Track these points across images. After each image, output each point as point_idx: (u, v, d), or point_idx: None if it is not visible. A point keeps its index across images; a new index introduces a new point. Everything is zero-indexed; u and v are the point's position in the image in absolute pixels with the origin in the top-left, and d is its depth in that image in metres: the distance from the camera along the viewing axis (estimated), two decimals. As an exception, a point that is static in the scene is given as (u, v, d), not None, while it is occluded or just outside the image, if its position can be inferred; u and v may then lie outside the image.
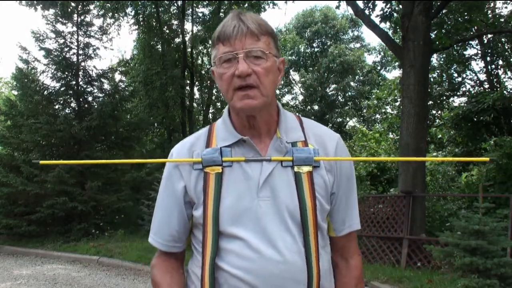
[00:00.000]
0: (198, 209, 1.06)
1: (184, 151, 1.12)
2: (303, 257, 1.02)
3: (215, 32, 1.06)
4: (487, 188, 7.95)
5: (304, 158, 1.06)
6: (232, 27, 1.02)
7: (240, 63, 0.99)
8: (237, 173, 1.05)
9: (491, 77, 13.96)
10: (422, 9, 7.43)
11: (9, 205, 9.15)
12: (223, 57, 1.02)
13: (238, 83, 1.01)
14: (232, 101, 1.03)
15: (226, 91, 1.04)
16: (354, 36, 28.81)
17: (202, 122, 17.65)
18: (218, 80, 1.06)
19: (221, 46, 1.03)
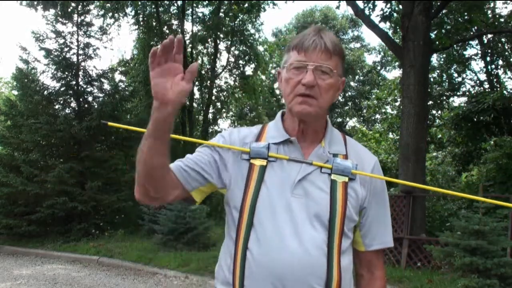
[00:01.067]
0: (235, 194, 1.14)
1: (236, 139, 1.20)
2: (325, 254, 1.08)
3: (293, 40, 1.16)
4: (487, 188, 7.95)
5: (343, 169, 1.14)
6: (311, 41, 1.10)
7: (308, 74, 1.09)
8: (278, 169, 1.13)
9: (491, 77, 13.97)
10: (422, 9, 7.43)
11: (9, 205, 9.14)
12: (294, 64, 1.11)
13: (302, 91, 1.10)
14: (291, 104, 1.13)
15: (288, 94, 1.14)
16: (354, 36, 28.83)
17: (202, 122, 17.64)
18: (283, 83, 1.15)
19: (296, 54, 1.12)
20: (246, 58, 17.54)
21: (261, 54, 18.63)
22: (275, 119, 1.25)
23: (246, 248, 1.09)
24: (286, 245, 1.06)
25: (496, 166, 8.30)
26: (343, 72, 1.20)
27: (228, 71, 18.38)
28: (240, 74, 17.99)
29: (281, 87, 1.17)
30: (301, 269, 1.05)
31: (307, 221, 1.09)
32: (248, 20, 16.85)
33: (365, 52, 27.66)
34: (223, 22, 15.69)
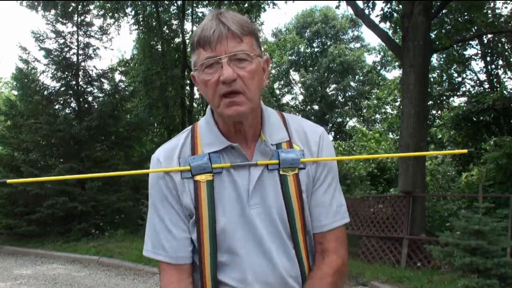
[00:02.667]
0: (193, 220, 1.03)
1: (174, 158, 1.05)
2: (296, 262, 1.05)
3: (193, 36, 1.01)
4: (487, 188, 7.95)
5: (291, 161, 1.04)
6: (212, 30, 0.96)
7: (224, 68, 0.95)
8: (226, 180, 1.02)
9: (491, 77, 13.97)
10: (422, 9, 7.43)
11: (9, 205, 9.15)
12: (205, 63, 0.97)
13: (224, 90, 0.96)
14: (219, 108, 0.99)
15: (212, 98, 1.00)
16: (354, 36, 28.84)
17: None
18: (202, 87, 1.02)
19: (202, 51, 0.97)
20: (246, 58, 17.53)
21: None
22: (205, 119, 1.10)
23: (215, 277, 1.02)
24: (259, 267, 1.01)
25: (496, 166, 8.30)
26: (261, 50, 1.05)
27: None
28: (240, 74, 17.99)
29: (202, 92, 1.04)
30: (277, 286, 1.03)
31: (273, 232, 1.02)
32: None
33: (365, 52, 27.66)
34: (223, 22, 15.69)
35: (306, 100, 27.34)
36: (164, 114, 15.20)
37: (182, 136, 1.10)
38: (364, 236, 7.64)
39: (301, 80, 27.73)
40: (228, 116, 0.99)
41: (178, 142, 1.09)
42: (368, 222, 7.65)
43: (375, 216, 7.59)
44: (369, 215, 7.74)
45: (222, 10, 1.02)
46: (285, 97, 29.30)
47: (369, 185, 9.56)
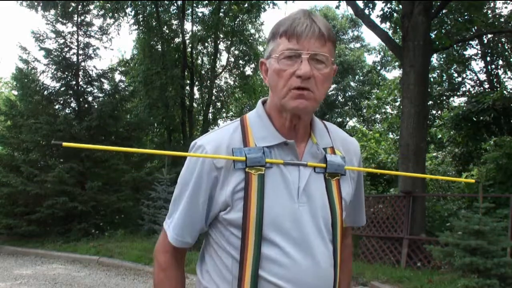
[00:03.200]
0: (235, 211, 1.01)
1: (223, 148, 1.03)
2: (333, 267, 1.05)
3: (278, 25, 1.02)
4: (487, 188, 7.96)
5: (336, 167, 1.07)
6: (304, 25, 0.97)
7: (303, 64, 0.96)
8: (277, 176, 1.02)
9: (491, 77, 13.97)
10: (422, 9, 7.43)
11: (9, 205, 9.15)
12: (286, 53, 0.98)
13: (297, 84, 0.97)
14: (284, 99, 1.00)
15: (280, 89, 1.00)
16: (354, 36, 28.82)
17: (202, 122, 17.65)
18: (272, 75, 1.02)
19: (286, 42, 0.98)
20: (246, 58, 17.54)
21: (261, 54, 18.62)
22: (257, 113, 1.09)
23: (257, 271, 0.99)
24: (301, 265, 0.99)
25: (496, 166, 8.30)
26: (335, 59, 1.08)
27: (228, 71, 18.39)
28: (240, 74, 18.00)
29: (270, 80, 1.04)
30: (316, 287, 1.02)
31: (317, 231, 1.03)
32: (248, 20, 16.86)
33: (365, 52, 27.64)
34: (223, 22, 15.69)
35: (306, 100, 27.35)
36: (164, 114, 15.20)
37: (229, 128, 1.07)
38: (364, 236, 7.64)
39: (301, 80, 27.72)
40: (292, 107, 1.00)
41: (226, 132, 1.06)
42: (368, 222, 7.65)
43: (375, 216, 7.59)
44: (369, 215, 7.73)
45: (312, 11, 1.07)
46: (285, 97, 29.31)
47: (369, 185, 9.56)
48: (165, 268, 1.10)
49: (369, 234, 7.48)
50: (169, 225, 1.10)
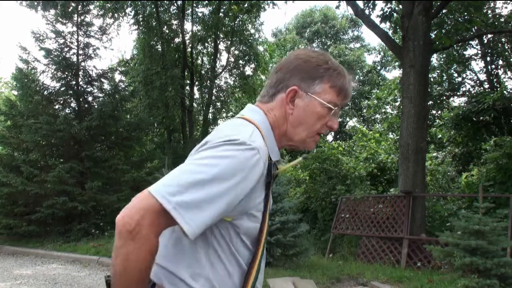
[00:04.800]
0: (253, 221, 1.01)
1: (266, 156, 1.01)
2: None
3: (329, 70, 1.09)
4: (487, 188, 7.95)
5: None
6: (351, 89, 1.15)
7: (336, 119, 1.12)
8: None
9: (491, 77, 13.97)
10: (422, 9, 7.43)
11: (9, 205, 9.14)
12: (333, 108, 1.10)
13: (323, 131, 1.11)
14: (308, 139, 1.11)
15: (312, 130, 1.10)
16: (354, 36, 28.84)
17: (202, 122, 17.65)
18: (311, 115, 1.09)
19: (335, 95, 1.10)
20: (246, 58, 17.55)
21: (261, 54, 18.64)
22: (264, 125, 1.08)
23: (255, 282, 1.02)
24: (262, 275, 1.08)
25: (496, 166, 8.30)
26: None
27: (228, 71, 18.39)
28: (240, 74, 18.00)
29: (301, 114, 1.08)
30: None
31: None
32: (248, 20, 16.86)
33: (365, 52, 27.66)
34: (223, 22, 15.70)
35: (306, 100, 27.36)
36: (164, 114, 15.21)
37: (260, 136, 1.02)
38: (364, 236, 7.64)
39: (301, 80, 27.70)
40: (308, 148, 1.14)
41: (261, 139, 1.01)
42: (368, 222, 7.65)
43: (375, 216, 7.59)
44: (369, 215, 7.74)
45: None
46: (285, 97, 29.28)
47: (369, 185, 9.55)
48: (154, 253, 0.91)
49: (369, 234, 7.48)
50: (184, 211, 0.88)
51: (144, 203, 0.88)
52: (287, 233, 6.14)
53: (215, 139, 0.97)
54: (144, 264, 0.89)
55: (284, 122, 1.10)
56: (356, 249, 7.91)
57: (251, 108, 1.13)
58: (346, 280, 5.79)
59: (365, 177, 9.78)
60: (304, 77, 1.08)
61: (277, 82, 1.11)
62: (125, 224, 0.87)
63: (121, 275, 0.88)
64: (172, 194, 0.88)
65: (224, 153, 0.92)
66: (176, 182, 0.89)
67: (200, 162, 0.92)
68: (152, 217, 0.87)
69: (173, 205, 0.87)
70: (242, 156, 0.92)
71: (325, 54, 1.13)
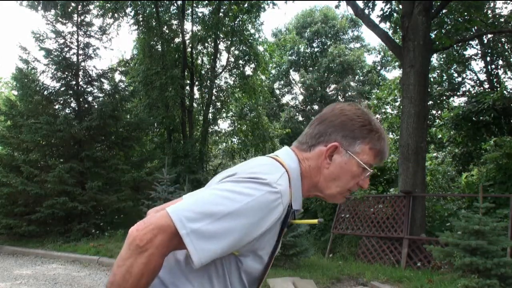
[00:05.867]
0: (258, 263, 1.02)
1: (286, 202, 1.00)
2: None
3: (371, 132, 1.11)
4: (487, 188, 7.95)
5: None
6: (388, 154, 1.16)
7: (367, 179, 1.15)
8: None
9: (491, 77, 13.98)
10: (422, 9, 7.43)
11: (9, 205, 9.14)
12: (369, 170, 1.12)
13: (354, 189, 1.14)
14: (339, 194, 1.13)
15: (346, 188, 1.12)
16: (354, 36, 28.85)
17: (202, 122, 17.65)
18: (347, 173, 1.10)
19: (372, 156, 1.12)
20: (246, 58, 17.55)
21: (261, 54, 18.63)
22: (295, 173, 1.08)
23: None
24: None
25: (496, 166, 8.30)
26: None
27: (228, 71, 18.39)
28: (240, 74, 18.00)
29: (337, 171, 1.09)
30: None
31: None
32: (248, 20, 16.86)
33: (365, 52, 27.66)
34: (223, 22, 15.70)
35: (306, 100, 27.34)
36: (164, 114, 15.20)
37: (287, 182, 1.02)
38: (364, 236, 7.64)
39: (301, 80, 27.72)
40: (336, 201, 1.17)
41: (288, 187, 1.01)
42: (368, 222, 7.65)
43: (375, 216, 7.59)
44: (369, 215, 7.74)
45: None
46: (285, 97, 29.32)
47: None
48: (156, 274, 0.93)
49: (369, 234, 7.48)
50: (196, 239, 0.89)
51: (160, 222, 0.89)
52: (287, 233, 6.14)
53: (243, 173, 0.98)
54: (143, 280, 0.90)
55: (317, 174, 1.10)
56: (356, 249, 7.91)
57: (286, 152, 1.13)
58: (346, 280, 5.79)
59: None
60: (347, 135, 1.09)
61: (319, 134, 1.12)
62: (136, 238, 0.88)
63: (120, 286, 0.90)
64: (189, 219, 0.89)
65: (248, 190, 0.93)
66: (195, 208, 0.91)
67: (222, 194, 0.93)
68: (164, 238, 0.89)
69: (187, 231, 0.88)
70: (264, 198, 0.93)
71: (369, 113, 1.14)
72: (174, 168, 11.91)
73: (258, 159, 1.07)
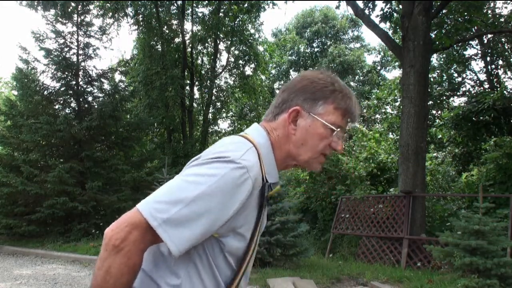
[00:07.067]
0: (240, 241, 0.99)
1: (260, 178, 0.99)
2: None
3: (334, 92, 1.08)
4: (487, 188, 7.95)
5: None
6: (358, 114, 1.12)
7: (341, 141, 1.10)
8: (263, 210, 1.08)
9: (491, 77, 13.98)
10: (422, 9, 7.43)
11: (9, 205, 9.15)
12: (337, 130, 1.08)
13: (329, 153, 1.10)
14: (311, 159, 1.09)
15: (315, 150, 1.08)
16: (354, 36, 28.84)
17: (202, 122, 17.66)
18: (314, 136, 1.07)
19: (340, 117, 1.08)
20: (246, 58, 17.56)
21: (261, 54, 18.64)
22: (265, 146, 1.06)
23: None
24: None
25: (496, 166, 8.30)
26: None
27: (228, 71, 18.40)
28: (240, 74, 18.00)
29: (303, 135, 1.07)
30: None
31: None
32: (248, 20, 16.87)
33: (365, 52, 27.66)
34: (223, 22, 15.70)
35: (306, 100, 27.36)
36: (164, 114, 15.21)
37: (254, 154, 1.01)
38: (364, 236, 7.64)
39: (301, 80, 27.69)
40: (313, 168, 1.13)
41: (255, 159, 1.00)
42: (368, 222, 7.65)
43: (375, 216, 7.59)
44: (369, 215, 7.74)
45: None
46: (285, 97, 29.26)
47: (369, 185, 9.54)
48: (137, 270, 0.94)
49: (369, 234, 7.48)
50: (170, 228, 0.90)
51: (132, 219, 0.90)
52: (287, 233, 6.14)
53: (207, 155, 0.97)
54: (124, 278, 0.91)
55: (287, 142, 1.09)
56: (356, 249, 7.91)
57: (254, 128, 1.13)
58: (346, 280, 5.79)
59: (365, 177, 9.78)
60: (308, 98, 1.08)
61: (282, 102, 1.11)
62: (112, 238, 0.89)
63: (101, 287, 0.90)
64: (158, 211, 0.90)
65: (212, 171, 0.93)
66: (163, 198, 0.92)
67: (187, 179, 0.94)
68: (138, 234, 0.90)
69: (159, 222, 0.89)
70: (229, 175, 0.92)
71: (333, 76, 1.12)
72: (174, 168, 11.91)
73: (224, 139, 1.05)
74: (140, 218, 0.90)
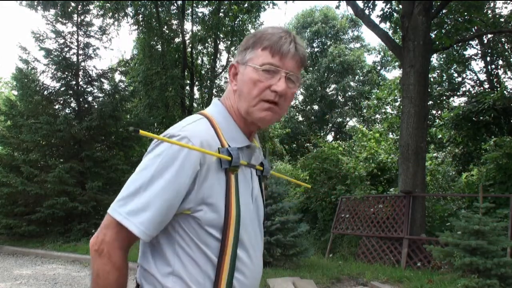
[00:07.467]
0: (214, 211, 0.98)
1: (209, 144, 0.99)
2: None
3: (261, 37, 1.05)
4: (487, 188, 7.95)
5: (268, 170, 1.19)
6: (289, 46, 1.03)
7: (281, 81, 1.02)
8: (242, 176, 1.06)
9: (491, 77, 13.99)
10: (422, 9, 7.43)
11: (9, 205, 9.15)
12: (267, 67, 1.02)
13: (271, 97, 1.03)
14: (253, 108, 1.04)
15: (252, 97, 1.03)
16: (354, 36, 28.82)
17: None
18: (247, 82, 1.04)
19: (268, 56, 1.03)
20: (246, 58, 17.54)
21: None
22: (219, 113, 1.08)
23: (233, 273, 1.00)
24: (257, 264, 1.09)
25: (496, 166, 8.30)
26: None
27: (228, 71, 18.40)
28: (240, 74, 17.99)
29: (240, 85, 1.06)
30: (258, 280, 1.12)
31: (258, 230, 1.12)
32: (248, 20, 16.87)
33: (365, 52, 27.65)
34: (223, 22, 15.70)
35: (306, 100, 27.32)
36: (164, 114, 15.20)
37: (204, 124, 1.04)
38: (364, 236, 7.64)
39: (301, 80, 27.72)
40: (259, 118, 1.05)
41: (205, 128, 1.02)
42: (368, 222, 7.65)
43: (375, 216, 7.59)
44: (369, 215, 7.74)
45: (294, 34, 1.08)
46: (285, 97, 29.27)
47: (369, 185, 9.54)
48: (120, 267, 1.00)
49: (369, 234, 7.48)
50: (132, 217, 0.95)
51: (105, 222, 0.99)
52: (287, 233, 6.14)
53: (153, 142, 1.01)
54: (111, 277, 0.98)
55: (235, 102, 1.09)
56: (356, 249, 7.91)
57: (212, 102, 1.14)
58: (346, 280, 5.79)
59: (365, 177, 9.78)
60: (241, 52, 1.09)
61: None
62: (93, 244, 0.99)
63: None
64: (121, 206, 0.97)
65: (157, 151, 0.98)
66: (124, 194, 0.98)
67: (140, 168, 0.99)
68: (111, 233, 0.98)
69: (123, 216, 0.96)
70: (172, 149, 0.96)
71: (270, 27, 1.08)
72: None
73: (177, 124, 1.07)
74: (109, 219, 0.98)
